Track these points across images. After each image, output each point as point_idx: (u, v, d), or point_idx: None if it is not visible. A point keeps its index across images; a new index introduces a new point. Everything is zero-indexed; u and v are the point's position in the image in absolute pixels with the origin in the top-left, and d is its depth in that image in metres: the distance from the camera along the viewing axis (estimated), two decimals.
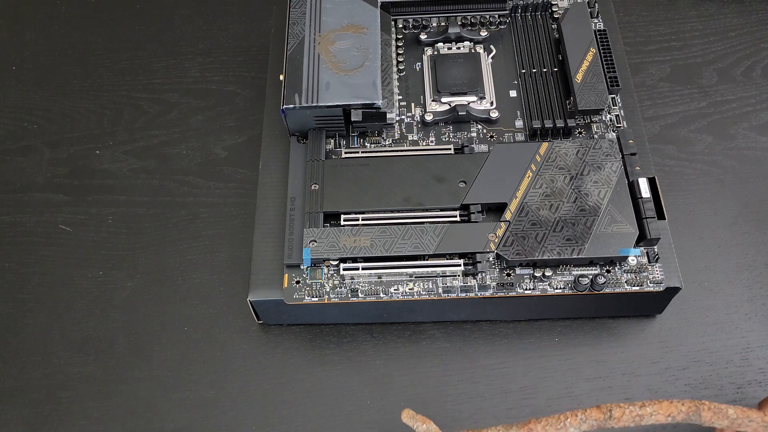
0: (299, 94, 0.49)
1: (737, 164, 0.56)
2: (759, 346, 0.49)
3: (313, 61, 0.50)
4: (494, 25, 0.56)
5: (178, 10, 0.67)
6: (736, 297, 0.51)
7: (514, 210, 0.46)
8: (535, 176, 0.48)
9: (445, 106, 0.52)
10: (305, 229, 0.46)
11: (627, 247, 0.45)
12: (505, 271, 0.46)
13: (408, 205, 0.47)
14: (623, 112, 0.52)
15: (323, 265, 0.46)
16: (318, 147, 0.50)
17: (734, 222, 0.54)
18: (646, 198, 0.46)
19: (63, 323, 0.51)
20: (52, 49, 0.65)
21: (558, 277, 0.46)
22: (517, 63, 0.55)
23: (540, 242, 0.45)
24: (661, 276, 0.46)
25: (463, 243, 0.46)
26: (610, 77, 0.52)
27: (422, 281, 0.46)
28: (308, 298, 0.46)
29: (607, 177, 0.47)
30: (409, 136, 0.52)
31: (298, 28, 0.52)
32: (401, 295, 0.45)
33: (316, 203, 0.47)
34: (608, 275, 0.46)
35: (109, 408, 0.48)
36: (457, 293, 0.46)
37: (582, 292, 0.45)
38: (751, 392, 0.47)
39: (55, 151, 0.59)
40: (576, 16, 0.54)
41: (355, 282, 0.46)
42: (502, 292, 0.45)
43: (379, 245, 0.45)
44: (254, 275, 0.47)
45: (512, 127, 0.52)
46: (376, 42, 0.51)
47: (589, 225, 0.46)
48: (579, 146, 0.49)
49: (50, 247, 0.54)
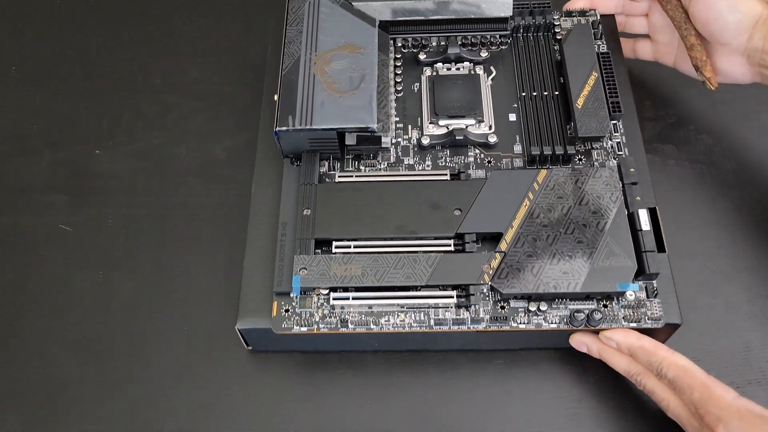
0: (293, 116, 0.48)
1: (737, 164, 0.56)
2: (759, 346, 0.49)
3: (308, 81, 0.49)
4: (495, 45, 0.55)
5: (178, 10, 0.67)
6: (736, 297, 0.51)
7: (509, 240, 0.45)
8: (533, 205, 0.46)
9: (443, 129, 0.51)
10: (296, 256, 0.45)
11: (625, 282, 0.44)
12: (499, 304, 0.45)
13: (401, 233, 0.46)
14: (625, 138, 0.51)
15: (313, 293, 0.45)
16: (311, 170, 0.48)
17: (734, 222, 0.54)
18: (646, 231, 0.45)
19: (63, 324, 0.51)
20: (52, 49, 0.65)
21: (553, 311, 0.45)
22: (518, 85, 0.53)
23: (536, 275, 0.44)
24: (660, 312, 0.44)
25: (456, 274, 0.44)
26: (612, 103, 0.50)
27: (414, 312, 0.45)
28: (297, 327, 0.44)
29: (606, 207, 0.46)
30: (405, 160, 0.51)
31: (294, 47, 0.51)
32: (392, 327, 0.44)
33: (308, 229, 0.46)
34: (605, 310, 0.45)
35: (109, 408, 0.48)
36: (449, 326, 0.44)
37: (578, 328, 0.44)
38: (751, 392, 0.47)
39: (55, 151, 0.59)
40: (579, 37, 0.53)
41: (345, 312, 0.45)
42: (496, 325, 0.44)
43: (371, 274, 0.44)
44: (243, 302, 0.46)
45: (511, 152, 0.51)
46: (373, 63, 0.50)
47: (587, 258, 0.44)
48: (578, 175, 0.47)
49: (50, 247, 0.54)
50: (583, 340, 0.45)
